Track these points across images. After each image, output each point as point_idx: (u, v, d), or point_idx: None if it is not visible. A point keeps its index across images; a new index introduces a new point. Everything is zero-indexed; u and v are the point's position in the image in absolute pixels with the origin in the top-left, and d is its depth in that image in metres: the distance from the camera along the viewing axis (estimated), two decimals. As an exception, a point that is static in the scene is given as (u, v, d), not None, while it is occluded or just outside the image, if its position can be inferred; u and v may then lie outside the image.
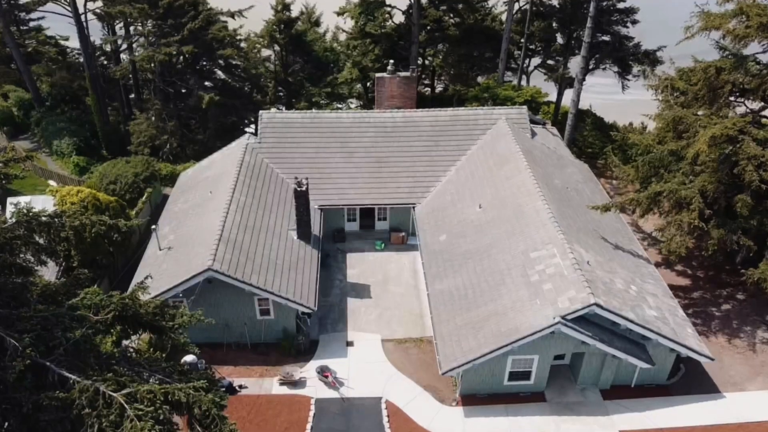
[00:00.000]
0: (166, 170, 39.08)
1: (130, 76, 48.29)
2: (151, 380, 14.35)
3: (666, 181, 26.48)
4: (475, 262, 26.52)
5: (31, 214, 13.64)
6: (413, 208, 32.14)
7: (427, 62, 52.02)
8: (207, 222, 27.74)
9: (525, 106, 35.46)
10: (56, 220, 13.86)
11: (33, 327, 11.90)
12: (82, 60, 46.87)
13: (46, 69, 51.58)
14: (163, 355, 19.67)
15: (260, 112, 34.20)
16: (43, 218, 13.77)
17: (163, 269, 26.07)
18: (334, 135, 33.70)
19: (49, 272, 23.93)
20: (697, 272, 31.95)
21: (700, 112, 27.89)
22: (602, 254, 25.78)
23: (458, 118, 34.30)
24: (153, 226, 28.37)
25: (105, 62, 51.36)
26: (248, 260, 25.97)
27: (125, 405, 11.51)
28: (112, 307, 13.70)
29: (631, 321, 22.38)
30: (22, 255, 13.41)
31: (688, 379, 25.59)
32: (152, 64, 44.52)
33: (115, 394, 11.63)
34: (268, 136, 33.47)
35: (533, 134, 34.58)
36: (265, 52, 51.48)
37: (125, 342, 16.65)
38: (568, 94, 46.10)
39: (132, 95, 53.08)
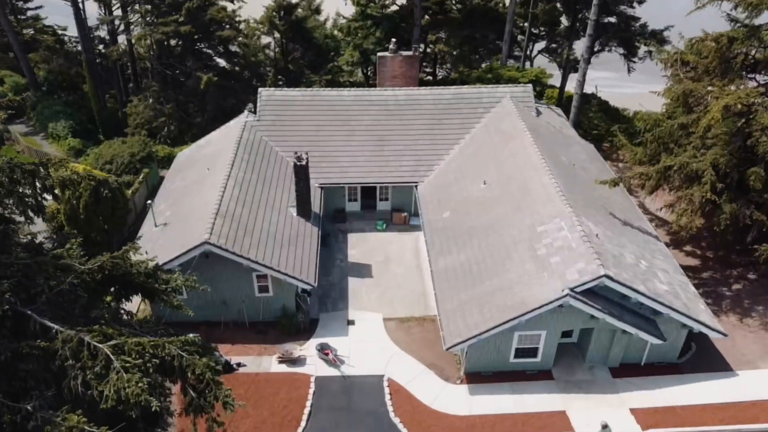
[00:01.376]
0: (164, 152, 38.35)
1: (128, 64, 47.62)
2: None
3: (676, 155, 25.67)
4: (479, 238, 25.76)
5: (14, 161, 12.90)
6: (416, 187, 31.38)
7: (429, 50, 51.30)
8: (204, 198, 26.99)
9: (530, 84, 34.68)
10: (41, 168, 13.10)
11: (13, 273, 11.14)
12: (79, 48, 46.24)
13: (43, 56, 50.96)
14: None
15: (259, 89, 33.44)
16: (27, 166, 13.02)
17: (158, 245, 25.30)
18: (335, 113, 32.95)
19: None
20: (707, 253, 31.17)
21: (710, 88, 27.14)
22: (611, 229, 25.01)
23: (462, 96, 33.55)
24: (149, 201, 27.64)
25: (102, 50, 50.69)
26: (246, 234, 25.21)
27: (111, 356, 10.76)
28: (101, 260, 12.94)
29: (642, 294, 21.61)
30: (4, 203, 12.66)
31: (700, 358, 24.81)
32: (150, 47, 43.86)
33: (101, 345, 10.88)
34: (267, 114, 32.73)
35: (538, 113, 33.82)
36: (265, 40, 50.85)
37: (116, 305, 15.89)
38: (572, 80, 45.48)
39: (131, 84, 52.34)
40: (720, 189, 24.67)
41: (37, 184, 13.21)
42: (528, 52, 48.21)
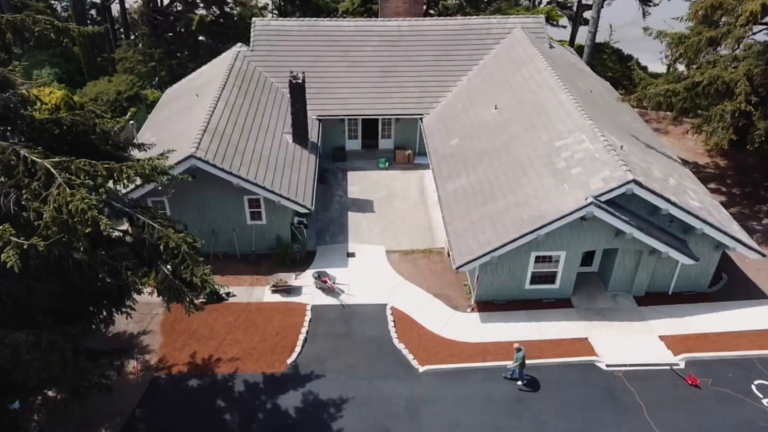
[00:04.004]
0: (153, 96, 36.18)
1: (121, 30, 45.53)
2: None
3: (704, 71, 23.53)
4: (491, 159, 23.64)
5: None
6: (420, 119, 29.25)
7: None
8: (192, 120, 24.85)
9: (542, 16, 32.55)
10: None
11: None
12: (69, 12, 44.21)
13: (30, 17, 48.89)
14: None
15: (253, 19, 31.32)
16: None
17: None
18: (335, 44, 30.82)
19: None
20: (733, 189, 29.08)
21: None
22: (636, 147, 22.89)
23: (470, 27, 31.40)
24: (131, 122, 25.52)
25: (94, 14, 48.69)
26: (237, 153, 23.10)
27: (53, 171, 8.65)
28: (51, 96, 10.82)
29: (675, 204, 19.50)
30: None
31: (731, 288, 22.75)
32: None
33: (40, 161, 8.77)
34: (261, 45, 30.60)
35: (551, 47, 31.68)
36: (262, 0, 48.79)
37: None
38: (582, 33, 43.39)
39: (121, 31, 50.12)
40: (754, 102, 22.53)
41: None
42: (536, 3, 46.06)
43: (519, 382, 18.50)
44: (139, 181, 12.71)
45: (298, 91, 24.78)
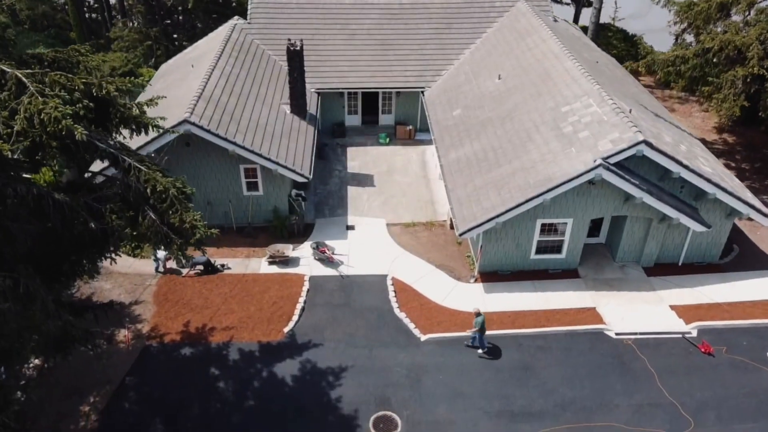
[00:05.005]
0: (149, 75, 35.43)
1: (118, 18, 44.73)
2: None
3: (714, 37, 22.79)
4: (495, 127, 22.91)
5: None
6: (422, 92, 28.52)
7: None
8: (186, 88, 24.11)
9: (547, -12, 31.80)
10: None
11: None
12: None
13: (27, 3, 48.16)
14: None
15: (250, -9, 30.56)
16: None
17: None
18: (334, 16, 30.08)
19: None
20: (742, 165, 28.36)
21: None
22: (644, 114, 22.15)
23: (472, 0, 30.68)
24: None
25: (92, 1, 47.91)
26: (233, 120, 22.37)
27: (25, 80, 7.92)
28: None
29: (686, 167, 18.77)
30: None
31: (743, 259, 22.03)
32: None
33: (10, 70, 8.04)
34: (258, 17, 29.86)
35: (555, 20, 30.93)
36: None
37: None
38: (585, 16, 42.65)
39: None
40: (767, 66, 21.81)
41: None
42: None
43: (479, 351, 17.77)
44: (128, 135, 11.97)
45: (295, 59, 24.05)
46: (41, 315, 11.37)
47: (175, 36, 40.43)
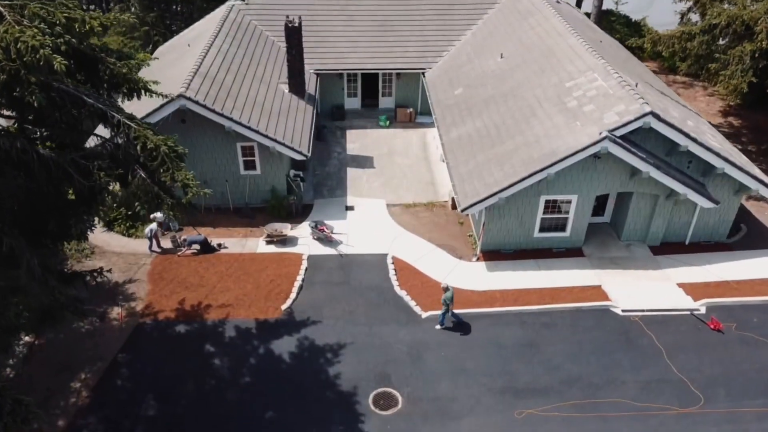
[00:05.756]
0: (146, 58, 34.89)
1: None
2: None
3: (721, 12, 22.31)
4: (498, 104, 22.43)
5: None
6: (423, 74, 28.02)
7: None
8: (182, 67, 23.62)
9: (549, -30, 31.25)
10: None
11: None
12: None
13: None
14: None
15: (248, -28, 30.02)
16: None
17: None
18: (332, -2, 29.63)
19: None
20: (749, 147, 27.86)
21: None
22: (651, 90, 21.66)
23: (473, -19, 30.18)
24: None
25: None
26: (230, 97, 21.89)
27: (2, 9, 7.44)
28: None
29: (694, 140, 18.28)
30: None
31: (751, 238, 21.54)
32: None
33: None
34: (257, -2, 29.39)
35: (557, 1, 30.42)
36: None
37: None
38: (588, 2, 42.14)
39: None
40: (776, 43, 21.34)
41: None
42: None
43: (438, 326, 17.47)
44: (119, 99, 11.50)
45: (294, 36, 23.58)
46: (26, 277, 10.90)
47: (172, 26, 39.94)
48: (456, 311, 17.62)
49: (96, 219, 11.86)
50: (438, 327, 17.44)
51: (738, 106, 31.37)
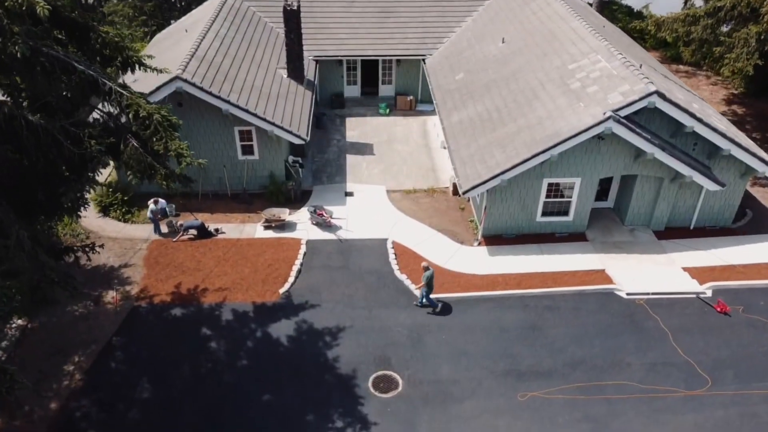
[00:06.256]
0: (142, 47, 34.61)
1: None
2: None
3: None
4: (499, 88, 22.10)
5: None
6: (423, 61, 27.69)
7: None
8: (179, 51, 23.28)
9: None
10: None
11: None
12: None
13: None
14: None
15: (247, -42, 29.68)
16: None
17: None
18: (332, -17, 29.29)
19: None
20: (753, 134, 27.49)
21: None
22: (655, 73, 21.31)
23: (474, -33, 29.83)
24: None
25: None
26: (227, 80, 21.55)
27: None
28: None
29: (700, 120, 17.94)
30: None
31: (757, 224, 21.21)
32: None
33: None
34: (255, -15, 29.04)
35: (560, -11, 30.08)
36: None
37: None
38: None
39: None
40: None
41: None
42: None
43: (415, 302, 17.33)
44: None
45: (292, 19, 23.24)
46: (15, 251, 10.56)
47: (171, 19, 39.65)
48: (464, 294, 17.31)
49: (88, 193, 11.50)
50: (416, 304, 17.28)
51: (742, 94, 31.06)
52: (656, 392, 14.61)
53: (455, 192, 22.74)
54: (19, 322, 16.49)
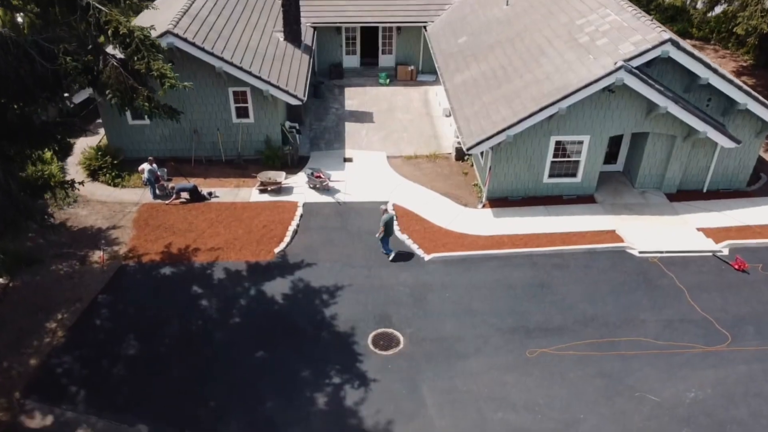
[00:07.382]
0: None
1: None
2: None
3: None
4: (504, 47, 21.27)
5: None
6: (424, 28, 26.86)
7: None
8: (170, 13, 22.37)
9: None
10: None
11: None
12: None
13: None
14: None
15: (243, -75, 28.80)
16: None
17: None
18: (331, -51, 28.41)
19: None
20: (765, 103, 26.66)
21: None
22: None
23: (477, -65, 28.99)
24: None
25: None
26: (221, 38, 20.72)
27: None
28: None
29: (716, 71, 17.13)
30: None
31: (773, 188, 20.38)
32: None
33: None
34: (251, -49, 28.16)
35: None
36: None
37: None
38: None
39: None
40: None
41: None
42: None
43: (382, 250, 16.85)
44: None
45: (289, -21, 22.40)
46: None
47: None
48: (468, 253, 16.52)
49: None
50: (383, 251, 16.82)
51: (751, 66, 30.24)
52: (673, 348, 13.79)
53: (458, 158, 21.93)
54: (0, 280, 15.66)
